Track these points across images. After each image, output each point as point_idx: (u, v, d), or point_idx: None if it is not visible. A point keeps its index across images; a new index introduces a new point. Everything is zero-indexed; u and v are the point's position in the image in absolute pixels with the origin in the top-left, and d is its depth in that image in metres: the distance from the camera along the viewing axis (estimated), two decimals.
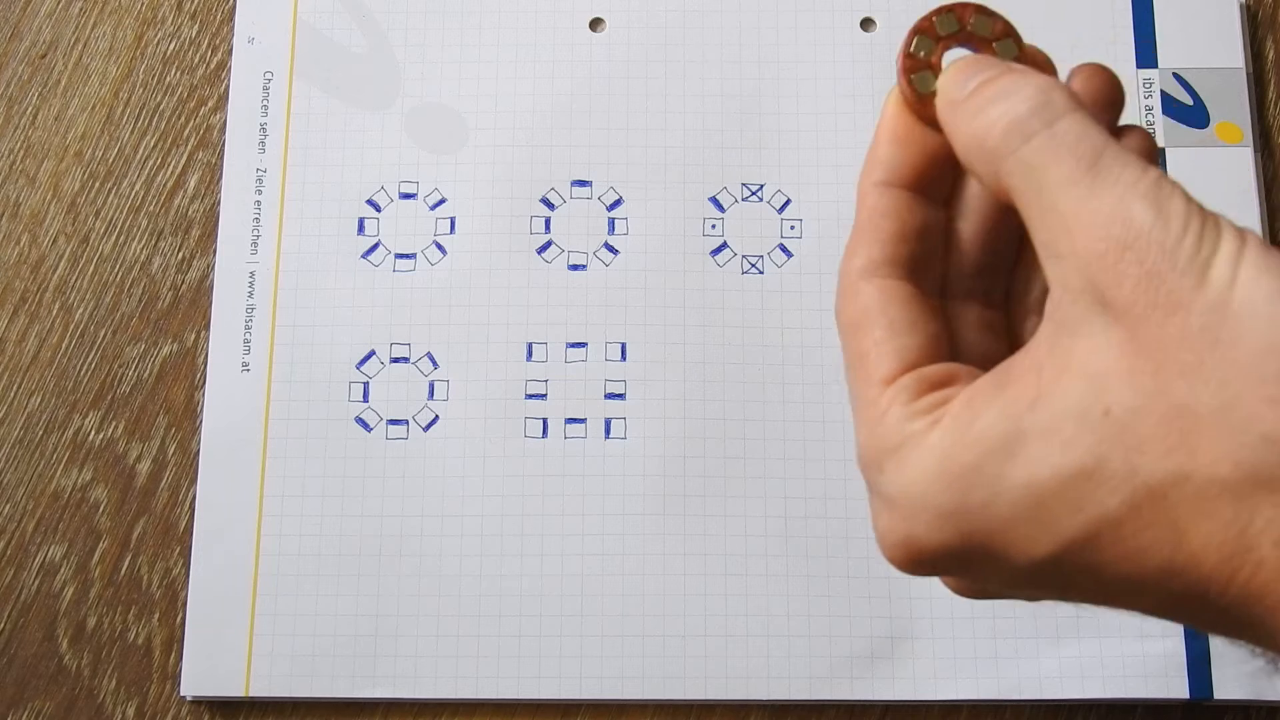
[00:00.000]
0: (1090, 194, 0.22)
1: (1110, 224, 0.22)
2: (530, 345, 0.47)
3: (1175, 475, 0.21)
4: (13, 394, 0.48)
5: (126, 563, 0.46)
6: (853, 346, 0.26)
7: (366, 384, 0.47)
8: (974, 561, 0.24)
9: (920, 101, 0.27)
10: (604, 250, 0.48)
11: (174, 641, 0.45)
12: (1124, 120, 0.50)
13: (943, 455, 0.23)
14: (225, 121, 0.50)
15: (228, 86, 0.50)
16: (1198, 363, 0.21)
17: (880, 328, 0.25)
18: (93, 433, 0.47)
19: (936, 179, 0.27)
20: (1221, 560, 0.21)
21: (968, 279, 0.28)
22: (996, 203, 0.28)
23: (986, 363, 0.25)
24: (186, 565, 0.46)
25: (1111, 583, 0.23)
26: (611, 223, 0.48)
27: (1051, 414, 0.22)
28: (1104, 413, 0.22)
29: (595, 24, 0.50)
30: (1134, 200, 0.22)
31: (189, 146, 0.50)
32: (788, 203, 0.48)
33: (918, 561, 0.24)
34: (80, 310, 0.49)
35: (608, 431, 0.46)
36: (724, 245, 0.48)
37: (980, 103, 0.25)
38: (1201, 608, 0.22)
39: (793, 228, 0.48)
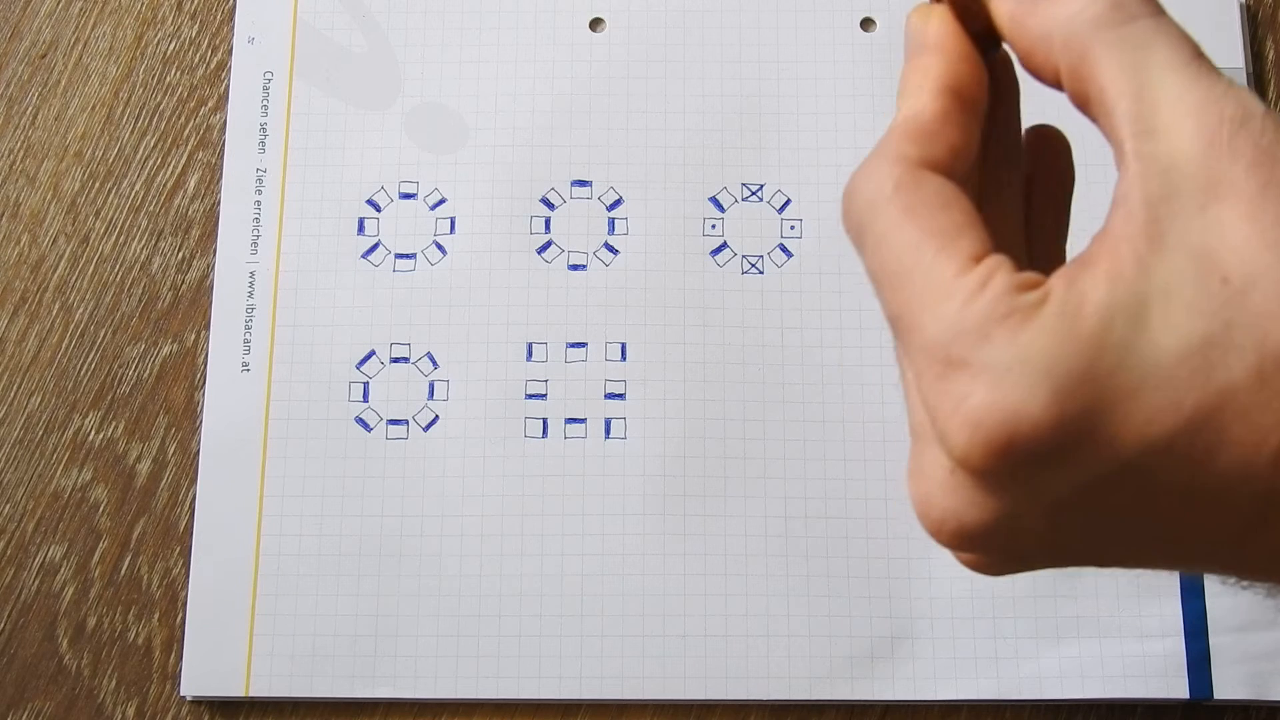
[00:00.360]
0: (1199, 77, 0.23)
1: (1224, 104, 0.22)
2: (530, 345, 0.47)
3: None
4: (13, 394, 0.48)
5: (126, 563, 0.46)
6: (933, 222, 0.24)
7: (366, 384, 0.47)
8: (1077, 449, 0.22)
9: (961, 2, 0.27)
10: (604, 250, 0.48)
11: (174, 641, 0.45)
12: None
13: (1068, 322, 0.22)
14: (225, 121, 0.50)
15: (228, 86, 0.50)
16: None
17: (963, 210, 0.24)
18: (93, 433, 0.47)
19: (985, 103, 0.27)
20: None
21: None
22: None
23: None
24: (186, 565, 0.46)
25: (1218, 476, 0.22)
26: (611, 223, 0.48)
27: (1168, 281, 0.22)
28: (1222, 281, 0.21)
29: (595, 24, 0.50)
30: (1242, 90, 0.23)
31: (189, 146, 0.50)
32: (788, 203, 0.48)
33: (1018, 447, 0.22)
34: (80, 310, 0.49)
35: (608, 431, 0.46)
36: (724, 245, 0.48)
37: None
38: None
39: (793, 228, 0.48)
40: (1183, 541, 0.24)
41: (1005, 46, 0.27)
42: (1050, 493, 0.23)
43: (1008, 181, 0.28)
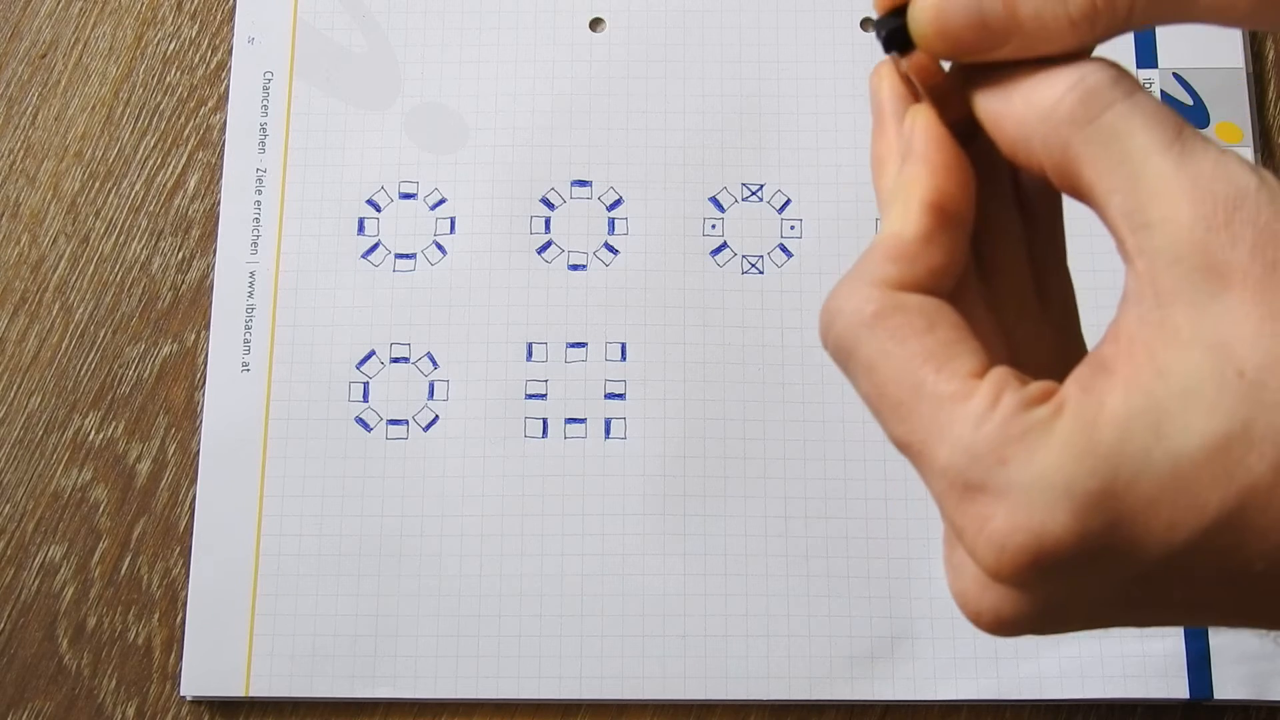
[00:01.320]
0: (1184, 158, 0.22)
1: (1215, 186, 0.21)
2: (530, 345, 0.47)
3: None
4: (13, 394, 0.48)
5: (126, 563, 0.46)
6: (921, 345, 0.23)
7: (366, 384, 0.47)
8: (1102, 558, 0.22)
9: (939, 93, 0.26)
10: (604, 250, 0.48)
11: (174, 641, 0.45)
12: None
13: (1083, 437, 0.21)
14: (225, 121, 0.50)
15: (228, 86, 0.50)
16: None
17: (952, 326, 0.24)
18: (93, 433, 0.47)
19: (971, 205, 0.26)
20: None
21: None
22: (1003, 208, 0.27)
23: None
24: (186, 565, 0.46)
25: (1244, 565, 0.21)
26: (611, 223, 0.48)
27: (1185, 383, 0.21)
28: (1238, 375, 0.21)
29: (595, 24, 0.50)
30: (1231, 164, 0.22)
31: (189, 146, 0.50)
32: (788, 203, 0.48)
33: (1045, 563, 0.22)
34: (80, 310, 0.49)
35: (608, 431, 0.46)
36: (724, 245, 0.48)
37: (1036, 78, 0.24)
38: None
39: (793, 228, 0.48)
40: (1230, 614, 0.23)
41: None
42: (1083, 590, 0.23)
43: (1005, 229, 0.28)
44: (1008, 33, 0.24)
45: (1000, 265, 0.27)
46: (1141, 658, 0.44)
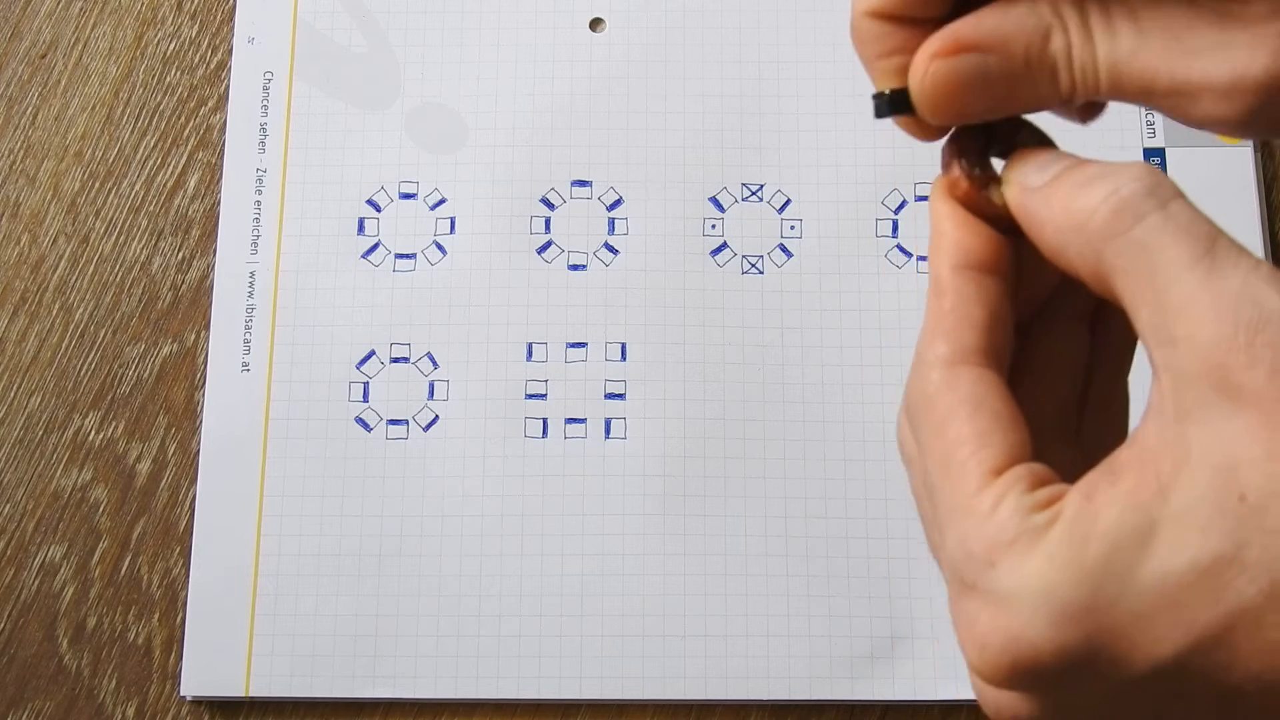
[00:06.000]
0: (1212, 276, 0.22)
1: (1239, 306, 0.21)
2: (530, 345, 0.47)
3: None
4: (13, 394, 0.48)
5: (126, 563, 0.46)
6: (948, 435, 0.24)
7: (366, 384, 0.47)
8: (1087, 669, 0.22)
9: (977, 191, 0.26)
10: (604, 250, 0.48)
11: (174, 641, 0.45)
12: (1125, 119, 0.50)
13: (1072, 549, 0.22)
14: (225, 121, 0.50)
15: (228, 86, 0.50)
16: None
17: (984, 418, 0.24)
18: (93, 433, 0.47)
19: (1008, 265, 0.26)
20: None
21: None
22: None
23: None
24: (186, 565, 0.46)
25: (1236, 686, 0.21)
26: (611, 223, 0.48)
27: (1183, 503, 0.21)
28: (1239, 499, 0.21)
29: (595, 24, 0.50)
30: (1259, 283, 0.22)
31: (189, 146, 0.50)
32: (788, 203, 0.48)
33: (1023, 670, 0.22)
34: (80, 310, 0.49)
35: (608, 431, 0.46)
36: (724, 245, 0.48)
37: (1073, 186, 0.24)
38: None
39: (793, 228, 0.48)
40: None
41: None
42: (1073, 700, 0.23)
43: (1066, 342, 0.28)
44: (1008, 90, 0.25)
45: (1047, 375, 0.27)
46: None
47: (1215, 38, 0.24)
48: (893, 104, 0.26)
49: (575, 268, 0.48)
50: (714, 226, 0.48)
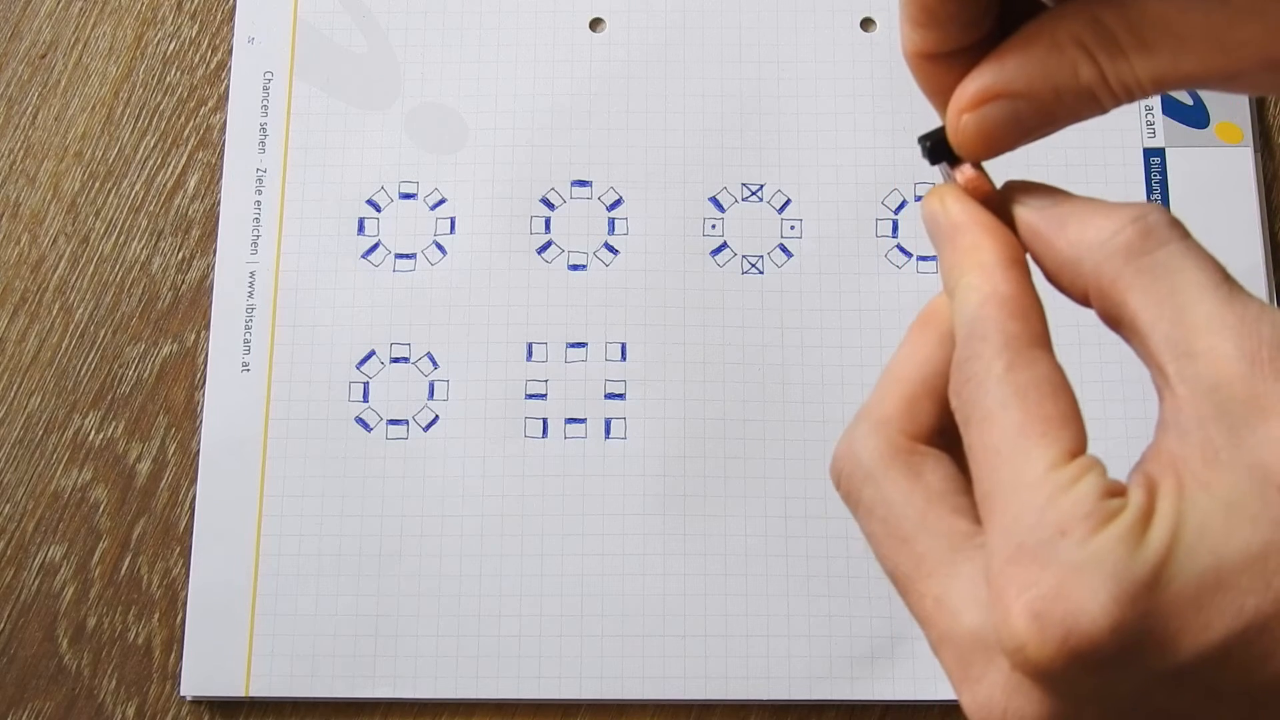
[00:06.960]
0: (1232, 299, 0.24)
1: (1259, 324, 0.23)
2: (530, 345, 0.47)
3: None
4: (13, 394, 0.48)
5: (126, 563, 0.46)
6: (1031, 410, 0.25)
7: (366, 384, 0.47)
8: (1133, 652, 0.23)
9: (994, 191, 0.27)
10: (604, 250, 0.48)
11: (174, 641, 0.45)
12: (1124, 120, 0.50)
13: (1140, 530, 0.23)
14: (225, 121, 0.50)
15: (228, 86, 0.50)
16: None
17: (1065, 401, 0.25)
18: (93, 433, 0.47)
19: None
20: None
21: None
22: None
23: None
24: (186, 565, 0.46)
25: (1269, 682, 0.22)
26: (611, 223, 0.48)
27: (1230, 496, 0.23)
28: (1278, 490, 0.22)
29: (595, 24, 0.50)
30: (1273, 310, 0.23)
31: (189, 146, 0.50)
32: (788, 203, 0.48)
33: (1074, 644, 0.23)
34: (80, 310, 0.49)
35: (608, 431, 0.46)
36: (724, 245, 0.48)
37: (1091, 210, 0.25)
38: None
39: (793, 228, 0.48)
40: None
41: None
42: (1107, 695, 0.24)
43: None
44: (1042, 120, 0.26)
45: None
46: None
47: (1257, 27, 0.24)
48: (934, 152, 0.27)
49: (575, 268, 0.48)
50: (714, 226, 0.48)
